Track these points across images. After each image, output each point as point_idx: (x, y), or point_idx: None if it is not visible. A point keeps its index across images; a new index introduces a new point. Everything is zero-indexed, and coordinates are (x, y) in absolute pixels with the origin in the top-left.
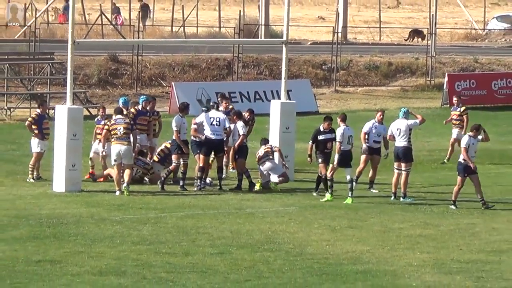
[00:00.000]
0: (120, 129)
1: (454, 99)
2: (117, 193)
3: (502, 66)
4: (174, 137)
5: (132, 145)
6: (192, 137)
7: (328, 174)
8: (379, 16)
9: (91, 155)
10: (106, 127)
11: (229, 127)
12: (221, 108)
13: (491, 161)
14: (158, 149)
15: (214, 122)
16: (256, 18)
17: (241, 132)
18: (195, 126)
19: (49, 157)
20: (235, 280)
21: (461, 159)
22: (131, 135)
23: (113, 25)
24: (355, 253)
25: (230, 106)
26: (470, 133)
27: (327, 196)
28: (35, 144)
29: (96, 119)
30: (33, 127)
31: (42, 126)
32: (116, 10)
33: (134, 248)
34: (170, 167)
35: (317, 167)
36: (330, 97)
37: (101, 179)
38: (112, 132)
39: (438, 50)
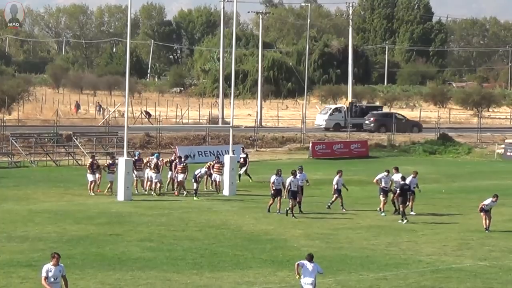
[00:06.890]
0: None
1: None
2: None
3: (339, 138)
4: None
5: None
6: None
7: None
8: (277, 113)
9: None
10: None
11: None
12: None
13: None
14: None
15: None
16: (217, 114)
17: None
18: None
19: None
20: (206, 243)
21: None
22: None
23: (147, 118)
24: (266, 230)
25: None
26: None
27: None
28: (89, 176)
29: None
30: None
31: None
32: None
33: (157, 228)
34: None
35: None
36: (253, 153)
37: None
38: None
39: (306, 130)
